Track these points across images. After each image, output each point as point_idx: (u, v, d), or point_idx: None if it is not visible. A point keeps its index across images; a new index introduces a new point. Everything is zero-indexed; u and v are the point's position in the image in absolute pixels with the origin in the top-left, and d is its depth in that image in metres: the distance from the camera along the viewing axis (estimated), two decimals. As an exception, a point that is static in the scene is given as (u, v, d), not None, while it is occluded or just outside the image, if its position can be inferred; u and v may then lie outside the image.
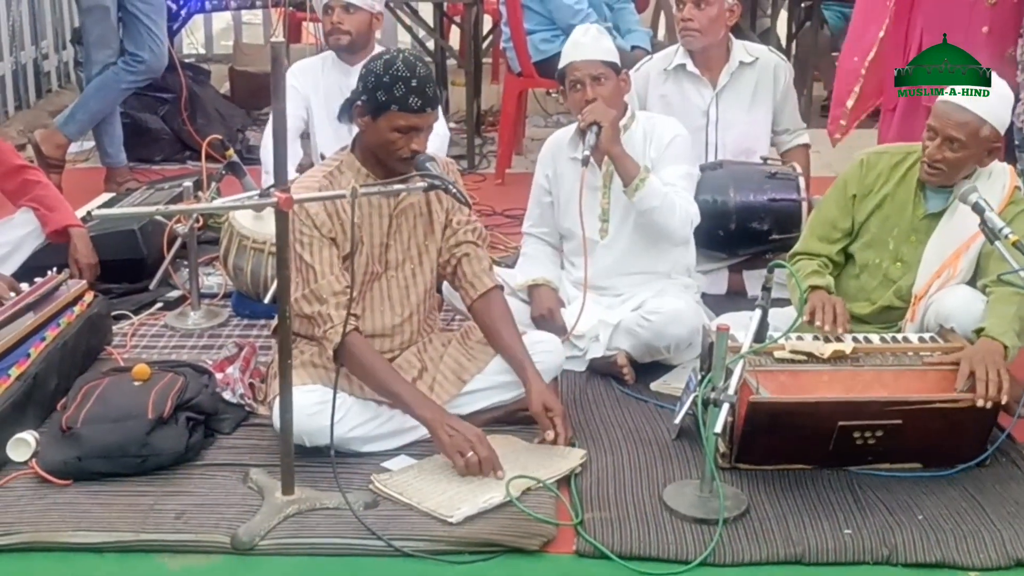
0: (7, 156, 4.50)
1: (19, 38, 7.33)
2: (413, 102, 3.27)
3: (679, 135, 4.03)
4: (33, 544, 2.99)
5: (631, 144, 3.96)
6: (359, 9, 4.68)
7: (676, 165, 3.98)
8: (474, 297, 3.58)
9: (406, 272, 3.55)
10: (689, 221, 3.95)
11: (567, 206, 4.08)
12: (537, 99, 7.27)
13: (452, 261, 3.59)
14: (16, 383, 3.46)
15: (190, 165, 6.28)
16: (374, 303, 3.53)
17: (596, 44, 3.95)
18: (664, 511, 3.15)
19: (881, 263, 3.76)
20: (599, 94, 3.90)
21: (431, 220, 3.57)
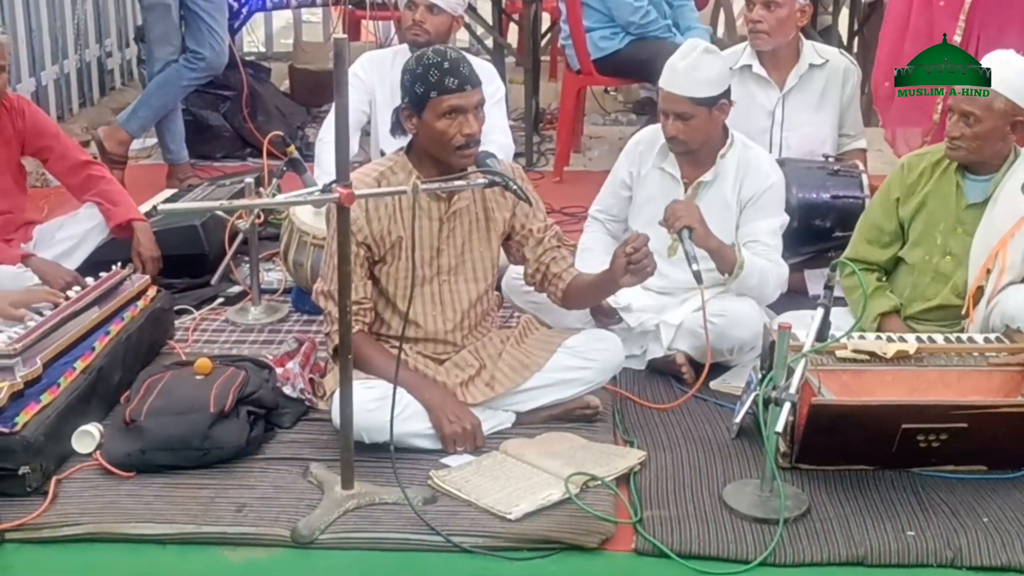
0: (72, 152, 4.57)
1: (84, 36, 7.42)
2: (450, 82, 3.29)
3: (774, 183, 3.94)
4: (97, 535, 3.03)
5: (723, 172, 3.92)
6: (442, 11, 4.63)
7: (768, 219, 3.93)
8: (564, 289, 3.62)
9: (459, 279, 3.56)
10: (780, 285, 3.94)
11: (642, 210, 4.06)
12: (595, 97, 7.25)
13: (541, 268, 3.63)
14: (81, 376, 3.51)
15: (250, 162, 6.32)
16: (426, 307, 3.54)
17: (689, 75, 3.79)
18: (724, 510, 3.13)
19: (931, 259, 3.74)
20: (679, 131, 3.81)
21: (488, 229, 3.58)
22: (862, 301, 3.31)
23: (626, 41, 5.78)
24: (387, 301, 3.54)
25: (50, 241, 4.45)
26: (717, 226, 3.92)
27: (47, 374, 3.40)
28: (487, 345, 3.63)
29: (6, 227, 4.41)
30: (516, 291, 3.96)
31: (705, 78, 3.79)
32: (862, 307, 3.24)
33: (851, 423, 3.18)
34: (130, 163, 5.99)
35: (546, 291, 3.68)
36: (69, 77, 7.22)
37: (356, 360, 3.24)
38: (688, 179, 3.96)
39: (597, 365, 3.53)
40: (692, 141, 3.85)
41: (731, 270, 3.82)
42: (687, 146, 3.86)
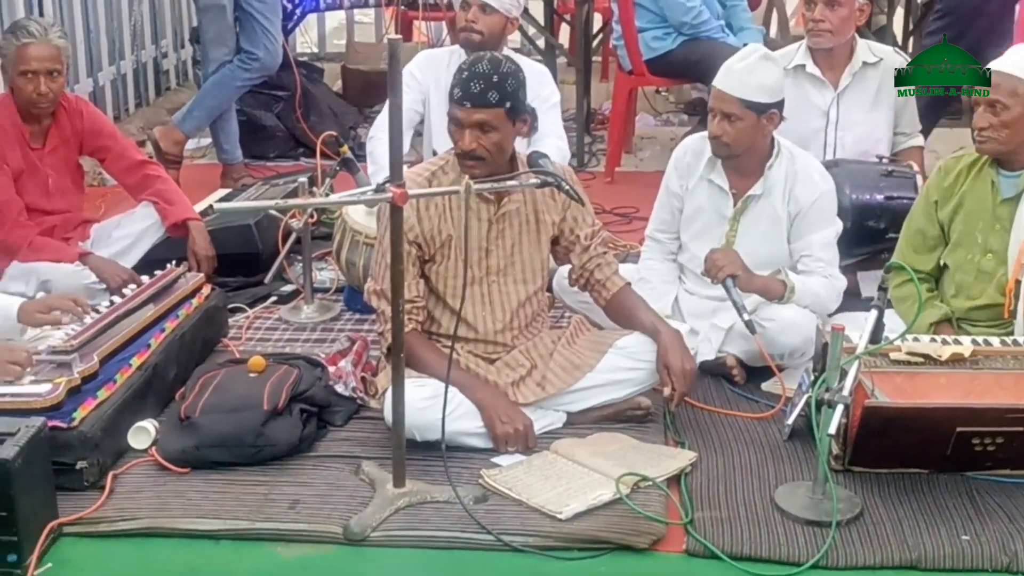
0: (129, 152, 4.62)
1: (140, 37, 7.50)
2: (455, 92, 3.34)
3: (824, 193, 3.90)
4: (152, 529, 3.06)
5: (771, 185, 3.89)
6: (495, 11, 4.59)
7: (821, 230, 3.89)
8: (607, 298, 3.64)
9: (508, 280, 3.58)
10: (837, 299, 3.91)
11: (691, 223, 4.03)
12: (647, 97, 7.24)
13: (585, 274, 3.65)
14: (137, 373, 3.55)
15: (303, 162, 6.37)
16: (475, 307, 3.55)
17: (744, 77, 3.75)
18: (775, 512, 3.12)
19: (972, 258, 3.71)
20: (724, 132, 3.77)
21: (538, 231, 3.59)
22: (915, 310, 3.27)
23: (678, 41, 5.76)
24: (437, 299, 3.56)
25: (107, 240, 4.51)
26: (768, 239, 3.92)
27: (104, 370, 3.44)
28: (538, 345, 3.64)
29: (64, 226, 4.47)
30: (567, 292, 3.97)
31: (759, 82, 3.76)
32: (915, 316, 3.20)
33: (905, 426, 3.15)
34: (185, 163, 6.05)
35: (590, 294, 3.70)
36: (125, 78, 7.31)
37: (409, 359, 3.27)
38: (737, 190, 3.93)
39: (649, 366, 3.53)
40: (735, 145, 3.80)
41: (781, 298, 3.79)
42: (729, 150, 3.82)
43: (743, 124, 3.76)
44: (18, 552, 2.84)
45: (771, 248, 3.92)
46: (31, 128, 4.33)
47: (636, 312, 3.62)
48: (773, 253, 3.93)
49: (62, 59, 4.26)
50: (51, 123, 4.38)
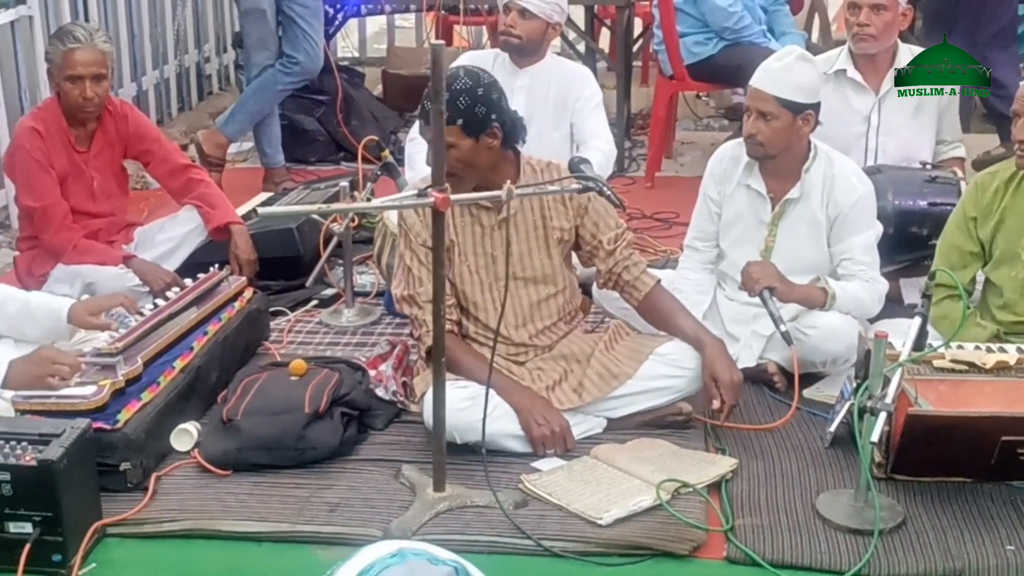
0: (173, 156, 4.66)
1: (183, 42, 7.56)
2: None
3: (863, 195, 3.87)
4: (194, 531, 3.09)
5: (809, 188, 3.87)
6: (535, 17, 4.60)
7: (861, 233, 3.86)
8: (640, 299, 3.64)
9: (518, 284, 3.58)
10: (879, 302, 3.88)
11: (730, 229, 4.03)
12: (687, 102, 7.22)
13: (613, 277, 3.65)
14: (180, 375, 3.58)
15: (344, 166, 6.40)
16: (488, 312, 3.57)
17: (781, 76, 3.74)
18: (817, 520, 3.10)
19: (1017, 275, 3.66)
20: (760, 130, 3.76)
21: (546, 236, 3.60)
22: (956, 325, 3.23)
23: (720, 46, 5.75)
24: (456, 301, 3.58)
25: (150, 243, 4.55)
26: (807, 243, 3.90)
27: (147, 373, 3.47)
28: (573, 348, 3.63)
29: (109, 229, 4.51)
30: (607, 297, 3.96)
31: (796, 82, 3.75)
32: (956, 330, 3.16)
33: (948, 434, 3.12)
34: (227, 166, 6.09)
35: (622, 296, 3.70)
36: (169, 82, 7.37)
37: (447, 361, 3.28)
38: (774, 195, 3.91)
39: (690, 373, 3.52)
40: (770, 145, 3.79)
41: (823, 305, 3.77)
42: (764, 150, 3.80)
43: (779, 124, 3.75)
44: (63, 552, 2.88)
45: (811, 252, 3.91)
46: (77, 132, 4.37)
47: (674, 317, 3.62)
48: (813, 257, 3.91)
49: (107, 63, 4.30)
50: (96, 127, 4.42)
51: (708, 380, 3.47)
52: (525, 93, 4.67)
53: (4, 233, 5.41)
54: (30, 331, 3.61)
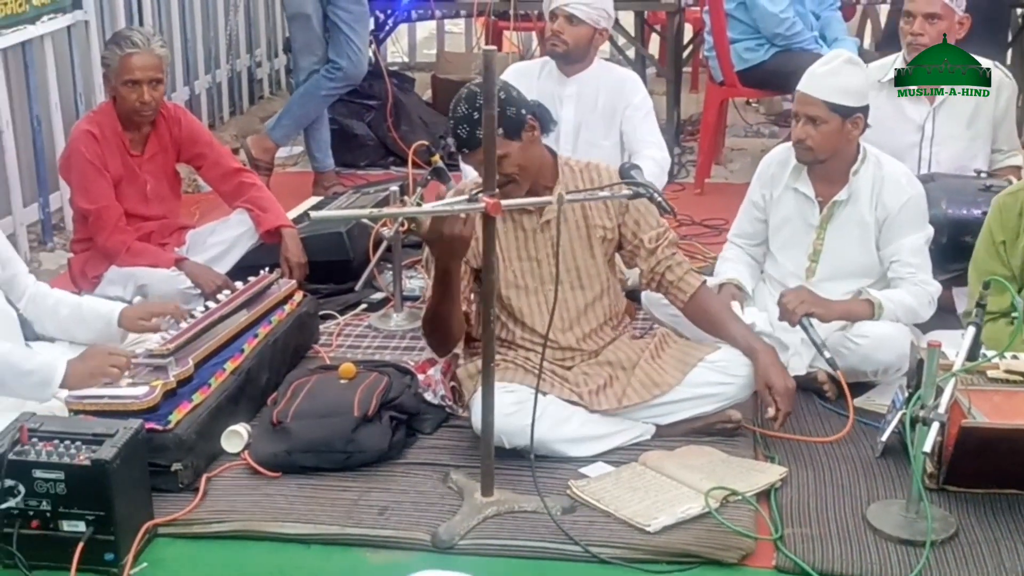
0: (225, 160, 4.70)
1: (235, 47, 7.63)
2: (453, 143, 3.41)
3: (912, 197, 3.84)
4: (244, 532, 3.11)
5: (857, 191, 3.85)
6: (582, 23, 4.59)
7: (911, 235, 3.83)
8: (685, 300, 3.62)
9: (564, 287, 3.58)
10: (931, 305, 3.84)
11: (778, 233, 4.03)
12: (737, 108, 7.19)
13: (656, 277, 3.63)
14: (231, 377, 3.61)
15: (393, 170, 6.42)
16: (533, 316, 3.58)
17: (828, 80, 3.73)
18: (867, 530, 3.08)
19: None
20: (809, 135, 3.75)
21: (588, 237, 3.60)
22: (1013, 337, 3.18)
23: (771, 53, 5.73)
24: (501, 307, 3.58)
25: (202, 246, 4.59)
26: (856, 246, 3.88)
27: (198, 374, 3.50)
28: (619, 354, 3.63)
29: (161, 231, 4.56)
30: (655, 304, 3.96)
31: (843, 86, 3.73)
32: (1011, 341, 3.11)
33: (1002, 446, 3.09)
34: (277, 170, 6.14)
35: (667, 298, 3.69)
36: (220, 86, 7.44)
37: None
38: (822, 198, 3.90)
39: (740, 381, 3.50)
40: (819, 149, 3.77)
41: (869, 318, 3.73)
42: (813, 154, 3.79)
43: (828, 128, 3.73)
44: (115, 551, 2.91)
45: (859, 255, 3.89)
46: (131, 135, 4.42)
47: (725, 322, 3.60)
48: (861, 260, 3.90)
49: (163, 68, 4.35)
50: (151, 131, 4.47)
51: (762, 387, 3.45)
52: (573, 101, 4.67)
53: (59, 235, 5.47)
54: (81, 334, 3.65)
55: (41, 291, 3.67)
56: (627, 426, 3.51)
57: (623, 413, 3.50)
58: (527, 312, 3.58)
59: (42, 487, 2.87)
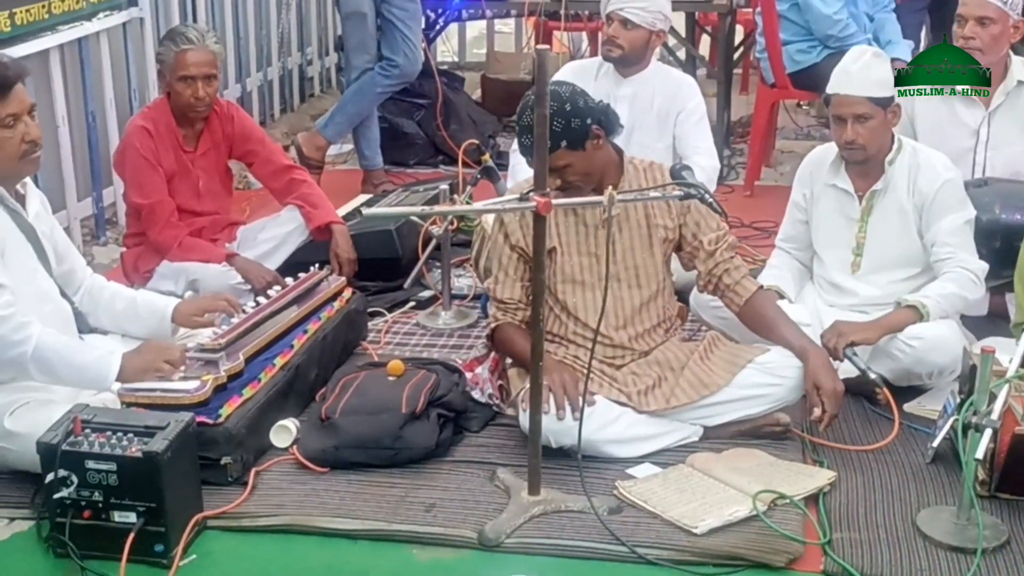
0: (277, 156, 4.74)
1: (287, 45, 7.67)
2: (525, 140, 3.38)
3: (948, 180, 3.83)
4: (292, 527, 3.13)
5: (893, 179, 3.85)
6: (637, 27, 4.56)
7: (948, 215, 3.81)
8: (740, 304, 3.61)
9: (622, 285, 3.59)
10: (976, 284, 3.79)
11: (819, 230, 4.03)
12: (787, 111, 7.14)
13: (713, 280, 3.63)
14: (280, 372, 3.63)
15: (443, 169, 6.43)
16: (587, 312, 3.57)
17: (865, 76, 3.77)
18: (917, 536, 3.05)
19: None
20: (859, 134, 3.76)
21: (649, 236, 3.60)
22: None
23: (824, 55, 5.68)
24: (555, 301, 3.59)
25: (253, 242, 4.63)
26: (898, 235, 3.89)
27: (248, 369, 3.53)
28: (668, 356, 3.62)
29: (213, 227, 4.60)
30: (704, 306, 3.95)
31: (878, 78, 3.79)
32: None
33: (1056, 454, 3.06)
34: (327, 168, 6.17)
35: (723, 301, 3.68)
36: (272, 84, 7.48)
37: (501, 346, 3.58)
38: (860, 192, 3.91)
39: (789, 383, 3.49)
40: (870, 145, 3.79)
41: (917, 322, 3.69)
42: (865, 152, 3.80)
43: (874, 122, 3.77)
44: (165, 543, 2.93)
45: (902, 244, 3.89)
46: (184, 132, 4.46)
47: (778, 325, 3.58)
48: (905, 249, 3.90)
49: (217, 64, 4.39)
50: (204, 127, 4.50)
51: (810, 387, 3.43)
52: (629, 103, 4.64)
53: (112, 230, 5.53)
54: (134, 328, 3.69)
55: (98, 284, 3.71)
56: (675, 427, 3.50)
57: (671, 414, 3.49)
58: (581, 307, 3.59)
59: (94, 478, 2.90)
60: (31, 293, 3.35)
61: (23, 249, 3.36)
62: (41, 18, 4.89)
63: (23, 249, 3.36)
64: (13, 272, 3.27)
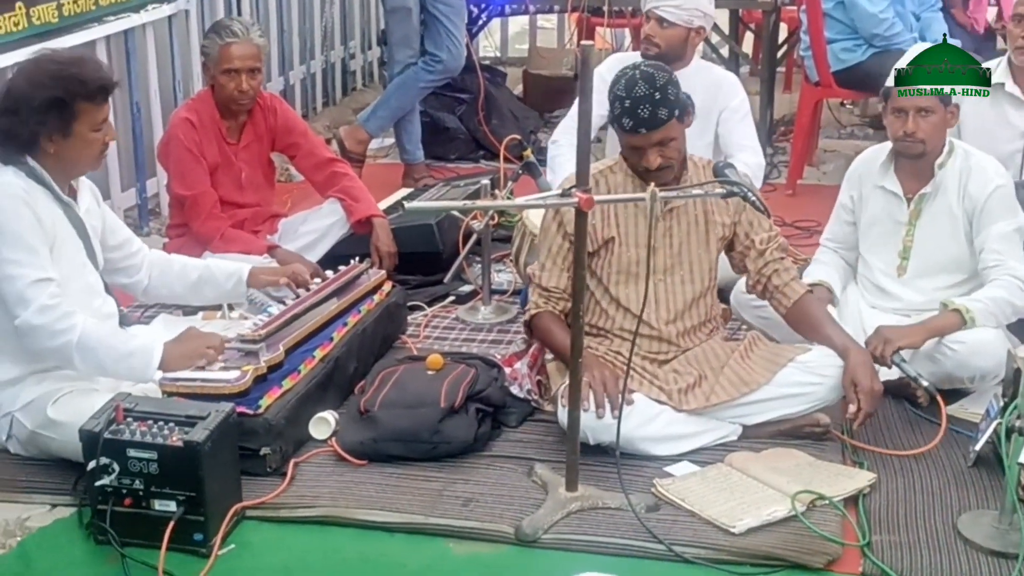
0: (319, 149, 4.76)
1: (330, 38, 7.70)
2: (625, 122, 3.37)
3: (999, 186, 3.79)
4: (330, 518, 3.14)
5: (944, 183, 3.81)
6: (673, 25, 4.52)
7: (998, 222, 3.77)
8: (788, 306, 3.60)
9: (674, 278, 3.58)
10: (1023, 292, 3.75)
11: (867, 233, 4.00)
12: (831, 110, 7.09)
13: (762, 280, 3.61)
14: (320, 364, 3.64)
15: (483, 164, 6.43)
16: (638, 305, 3.53)
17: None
18: (958, 540, 3.03)
19: None
20: (919, 127, 3.73)
21: (707, 231, 3.59)
22: None
23: (868, 53, 5.64)
24: (603, 294, 3.57)
25: (294, 234, 4.65)
26: (947, 240, 3.84)
27: (288, 360, 3.54)
28: (709, 355, 3.60)
29: (254, 219, 4.62)
30: (745, 306, 3.93)
31: None
32: None
33: (1101, 459, 3.01)
34: (368, 162, 6.18)
35: (770, 303, 3.66)
36: (315, 77, 7.51)
37: (541, 336, 3.55)
38: (909, 195, 3.87)
39: (829, 382, 3.46)
40: (930, 140, 3.76)
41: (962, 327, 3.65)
42: (925, 146, 3.77)
43: (936, 117, 3.74)
44: (204, 532, 2.95)
45: (951, 249, 3.85)
46: (228, 124, 4.49)
47: (823, 326, 3.56)
48: (952, 254, 3.86)
49: (262, 57, 4.42)
50: (247, 120, 4.53)
51: (848, 384, 3.41)
52: (670, 100, 4.62)
53: (155, 220, 5.57)
54: (211, 294, 3.84)
55: (162, 258, 3.80)
56: (713, 426, 3.49)
57: (710, 412, 3.47)
58: (633, 300, 3.55)
59: (135, 466, 2.92)
60: (80, 288, 3.38)
61: (73, 244, 3.40)
62: (88, 10, 4.94)
63: (73, 244, 3.40)
64: (63, 266, 3.31)
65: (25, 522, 3.15)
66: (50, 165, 3.30)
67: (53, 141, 3.24)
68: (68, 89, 3.21)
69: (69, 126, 3.24)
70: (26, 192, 3.23)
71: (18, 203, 3.20)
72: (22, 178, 3.25)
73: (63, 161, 3.30)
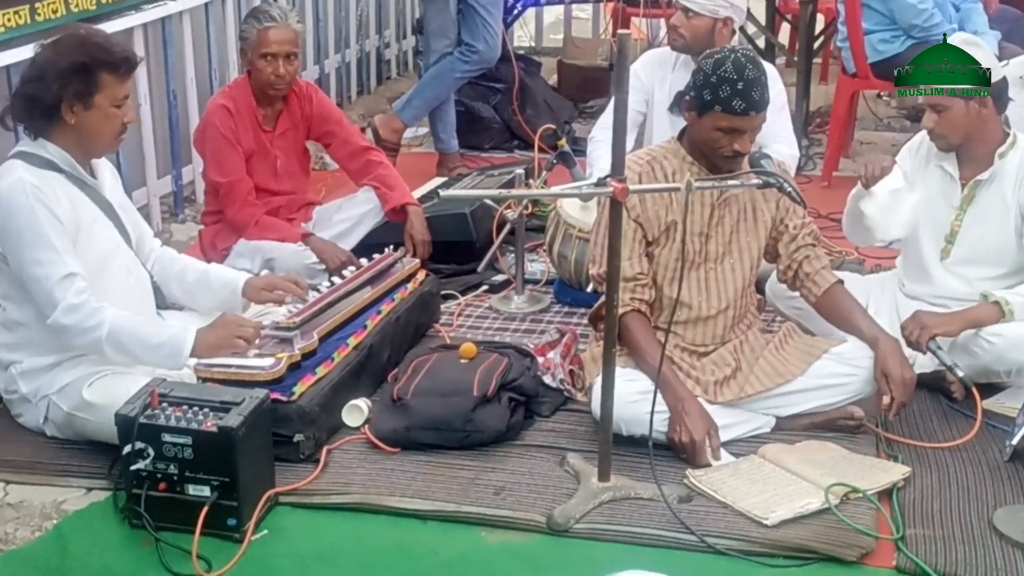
0: (354, 138, 4.77)
1: (365, 27, 7.71)
2: (737, 104, 3.30)
3: None
4: (363, 505, 3.16)
5: (1001, 172, 3.76)
6: (698, 15, 4.48)
7: None
8: (818, 295, 3.57)
9: (724, 266, 3.55)
10: None
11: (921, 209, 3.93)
12: (867, 101, 7.04)
13: (793, 266, 3.59)
14: (353, 352, 3.65)
15: (518, 154, 6.41)
16: (691, 291, 3.53)
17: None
18: (993, 535, 3.01)
19: None
20: (937, 124, 3.70)
21: (755, 219, 3.57)
22: None
23: (907, 44, 5.59)
24: (655, 285, 3.55)
25: (328, 222, 4.66)
26: (995, 230, 3.79)
27: (322, 348, 3.56)
28: (745, 347, 3.59)
29: (289, 207, 4.64)
30: (780, 296, 3.91)
31: None
32: None
33: None
34: (402, 151, 6.19)
35: (799, 291, 3.63)
36: (350, 66, 7.52)
37: (626, 340, 3.39)
38: (965, 179, 3.83)
39: (864, 373, 3.44)
40: (951, 135, 3.71)
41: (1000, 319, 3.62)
42: (947, 141, 3.73)
43: (951, 113, 3.68)
44: (238, 517, 2.97)
45: (997, 239, 3.80)
46: (264, 111, 4.50)
47: (853, 316, 3.54)
48: (999, 244, 3.81)
49: (299, 43, 4.44)
50: (283, 107, 4.54)
51: (880, 375, 3.39)
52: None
53: (190, 207, 5.60)
54: (205, 299, 3.73)
55: (168, 255, 3.76)
56: (747, 418, 3.48)
57: (744, 403, 3.46)
58: (692, 288, 3.52)
59: (170, 451, 2.94)
60: (118, 267, 3.41)
61: (103, 224, 3.41)
62: (126, -3, 4.97)
63: (103, 224, 3.41)
64: (94, 250, 3.33)
65: (61, 505, 3.18)
66: (69, 142, 3.31)
67: (74, 112, 3.25)
68: (93, 56, 3.24)
69: (91, 96, 3.25)
70: (38, 188, 3.24)
71: (31, 201, 3.21)
72: (33, 172, 3.26)
73: (81, 136, 3.31)
